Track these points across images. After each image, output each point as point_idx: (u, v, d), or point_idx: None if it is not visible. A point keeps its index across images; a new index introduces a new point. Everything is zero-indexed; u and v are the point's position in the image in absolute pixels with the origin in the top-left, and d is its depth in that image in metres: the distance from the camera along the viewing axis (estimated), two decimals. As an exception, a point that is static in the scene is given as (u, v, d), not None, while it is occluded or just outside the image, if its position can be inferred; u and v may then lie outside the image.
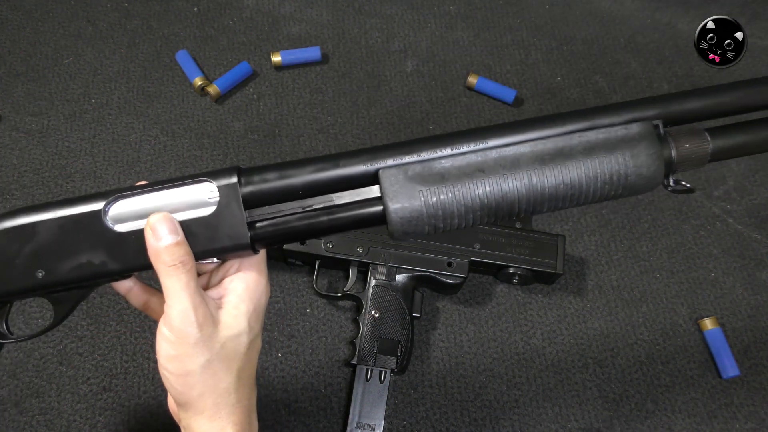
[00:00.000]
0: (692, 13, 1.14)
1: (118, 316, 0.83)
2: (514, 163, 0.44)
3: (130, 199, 0.47)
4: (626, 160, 0.44)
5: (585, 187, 0.44)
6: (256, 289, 0.49)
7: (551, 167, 0.44)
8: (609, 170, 0.44)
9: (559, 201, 0.45)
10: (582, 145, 0.44)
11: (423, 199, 0.44)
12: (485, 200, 0.44)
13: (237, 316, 0.47)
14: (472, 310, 0.87)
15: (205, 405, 0.47)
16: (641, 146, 0.44)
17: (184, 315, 0.45)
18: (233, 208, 0.45)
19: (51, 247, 0.47)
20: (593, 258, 0.91)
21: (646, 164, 0.44)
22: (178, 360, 0.46)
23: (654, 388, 0.83)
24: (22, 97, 0.98)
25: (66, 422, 0.77)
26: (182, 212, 0.46)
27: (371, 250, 0.81)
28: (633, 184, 0.45)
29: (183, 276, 0.45)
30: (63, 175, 0.92)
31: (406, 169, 0.45)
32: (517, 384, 0.83)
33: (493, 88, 1.02)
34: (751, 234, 0.94)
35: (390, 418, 0.79)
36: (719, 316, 0.87)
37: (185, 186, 0.47)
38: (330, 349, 0.83)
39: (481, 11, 1.12)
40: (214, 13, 1.08)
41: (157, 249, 0.45)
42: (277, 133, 0.98)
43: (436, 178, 0.44)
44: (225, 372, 0.47)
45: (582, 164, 0.44)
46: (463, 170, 0.44)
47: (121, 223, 0.47)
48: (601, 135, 0.45)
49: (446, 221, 0.45)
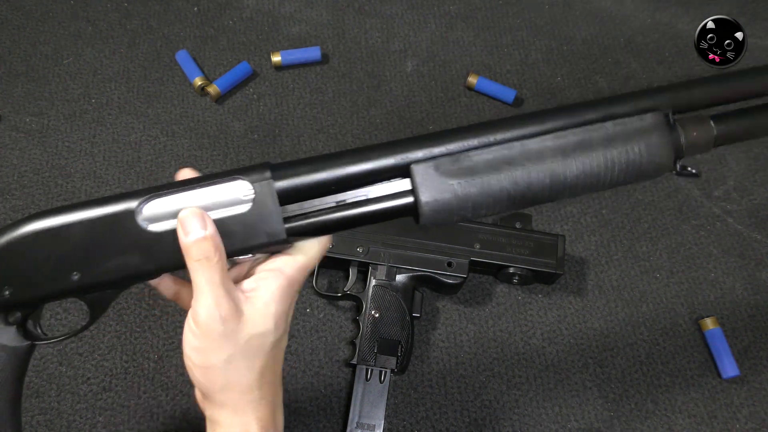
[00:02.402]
0: (692, 13, 1.14)
1: (118, 316, 0.83)
2: (539, 156, 0.46)
3: (163, 198, 0.47)
4: (642, 149, 0.46)
5: (603, 176, 0.46)
6: (289, 291, 0.48)
7: (573, 159, 0.46)
8: (626, 159, 0.46)
9: (578, 189, 0.47)
10: (601, 137, 0.46)
11: (453, 192, 0.46)
12: (512, 192, 0.46)
13: (265, 315, 0.47)
14: (472, 310, 0.86)
15: (228, 399, 0.47)
16: (655, 135, 0.47)
17: (208, 309, 0.45)
18: (269, 205, 0.46)
19: (86, 248, 0.46)
20: (593, 258, 0.91)
21: (659, 152, 0.47)
22: (201, 352, 0.46)
23: (654, 388, 0.83)
24: (22, 97, 0.98)
25: (66, 422, 0.77)
26: (217, 210, 0.46)
27: (371, 250, 0.81)
28: (646, 170, 0.47)
29: (207, 271, 0.45)
30: (63, 175, 0.92)
31: (438, 164, 0.46)
32: (517, 384, 0.83)
33: (493, 88, 1.02)
34: (751, 234, 0.94)
35: (390, 418, 0.79)
36: (719, 316, 0.87)
37: (219, 184, 0.47)
38: (330, 349, 0.83)
39: (481, 11, 1.12)
40: (214, 13, 1.08)
41: (186, 243, 0.45)
42: (277, 133, 0.98)
43: (465, 171, 0.46)
44: (247, 369, 0.47)
45: (602, 155, 0.46)
46: (491, 163, 0.46)
47: (155, 222, 0.47)
48: (618, 127, 0.47)
49: (474, 211, 0.47)
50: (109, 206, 0.46)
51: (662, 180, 0.97)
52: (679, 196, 0.96)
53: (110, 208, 0.46)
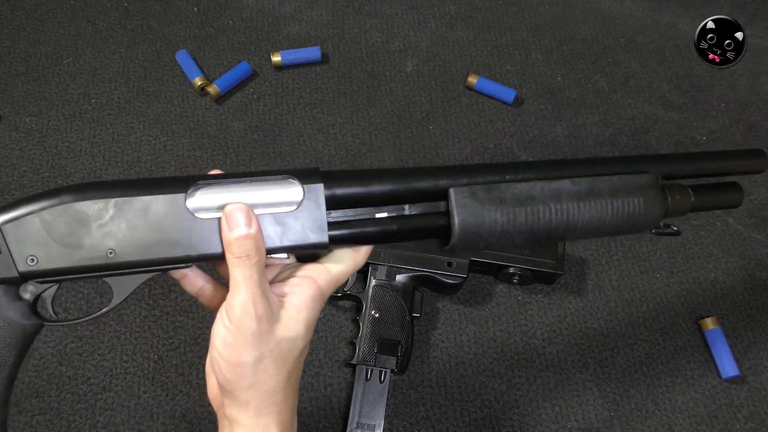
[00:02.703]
0: (692, 13, 1.14)
1: (118, 316, 0.83)
2: (557, 196, 0.51)
3: (213, 187, 0.47)
4: (640, 203, 0.53)
5: (607, 222, 0.52)
6: (319, 301, 0.49)
7: (586, 203, 0.52)
8: (627, 210, 0.53)
9: (586, 232, 0.53)
10: (608, 187, 0.53)
11: (484, 217, 0.50)
12: (533, 225, 0.51)
13: (297, 320, 0.48)
14: (472, 310, 0.87)
15: (252, 399, 0.47)
16: (650, 193, 0.54)
17: (244, 306, 0.45)
18: (315, 209, 0.48)
19: (127, 227, 0.46)
20: (593, 258, 0.91)
21: (653, 208, 0.54)
22: (233, 348, 0.46)
23: (654, 388, 0.83)
24: (22, 97, 0.98)
25: (66, 422, 0.77)
26: (264, 207, 0.47)
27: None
28: (639, 223, 0.54)
29: (247, 269, 0.45)
30: (63, 175, 0.92)
31: (474, 190, 0.50)
32: (517, 384, 0.83)
33: (493, 88, 1.02)
34: (751, 234, 0.94)
35: (390, 418, 0.79)
36: (719, 316, 0.87)
37: (270, 182, 0.47)
38: (330, 349, 0.83)
39: (481, 11, 1.12)
40: (214, 13, 1.08)
41: (228, 238, 0.45)
42: (277, 133, 0.98)
43: (496, 200, 0.50)
44: (276, 370, 0.47)
45: (608, 203, 0.52)
46: (517, 196, 0.50)
47: (202, 210, 0.46)
48: (621, 181, 0.53)
49: (499, 239, 0.51)
50: (160, 187, 0.46)
51: (662, 180, 0.97)
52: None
53: (161, 189, 0.46)
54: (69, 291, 0.84)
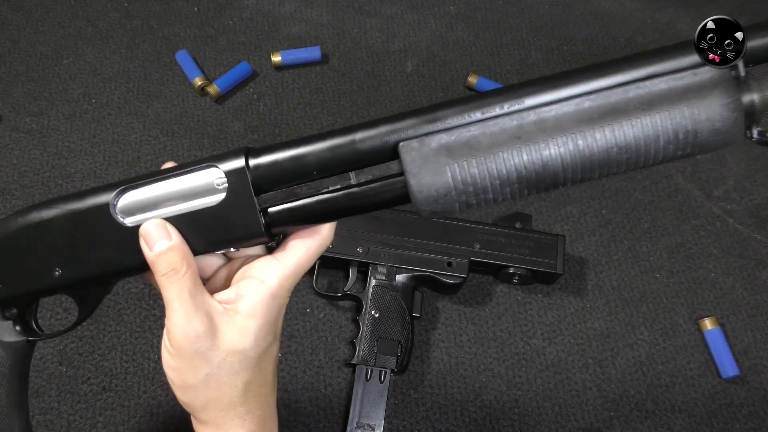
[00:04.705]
0: (692, 13, 1.14)
1: (118, 316, 0.83)
2: (557, 127, 0.37)
3: (137, 189, 0.45)
4: (696, 112, 0.36)
5: (644, 148, 0.37)
6: (272, 303, 0.44)
7: (601, 128, 0.37)
8: (674, 127, 0.37)
9: (613, 166, 0.38)
10: (639, 98, 0.37)
11: (450, 173, 0.38)
12: (523, 171, 0.38)
13: (244, 330, 0.44)
14: (472, 310, 0.86)
15: (210, 417, 0.45)
16: (715, 94, 0.36)
17: (179, 327, 0.43)
18: (243, 194, 0.42)
19: (64, 244, 0.45)
20: (593, 258, 0.91)
21: (722, 116, 0.36)
22: (177, 372, 0.44)
23: (654, 388, 0.83)
24: (22, 97, 0.98)
25: (66, 422, 0.77)
26: (190, 202, 0.44)
27: (371, 250, 0.81)
28: (705, 141, 0.37)
29: (176, 284, 0.43)
30: (63, 175, 0.92)
31: (430, 141, 0.39)
32: (517, 384, 0.83)
33: (493, 89, 1.02)
34: (751, 234, 0.94)
35: (390, 418, 0.79)
36: (719, 316, 0.87)
37: (193, 173, 0.44)
38: (330, 349, 0.83)
39: (481, 11, 1.12)
40: (214, 13, 1.08)
41: (151, 258, 0.43)
42: (277, 133, 0.98)
43: (464, 148, 0.38)
44: (228, 386, 0.44)
45: (639, 121, 0.37)
46: (496, 138, 0.38)
47: (131, 215, 0.45)
48: (663, 84, 0.37)
49: (479, 197, 0.39)
50: (85, 199, 0.45)
51: (662, 180, 0.97)
52: (679, 196, 0.96)
53: (86, 201, 0.45)
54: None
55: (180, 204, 0.44)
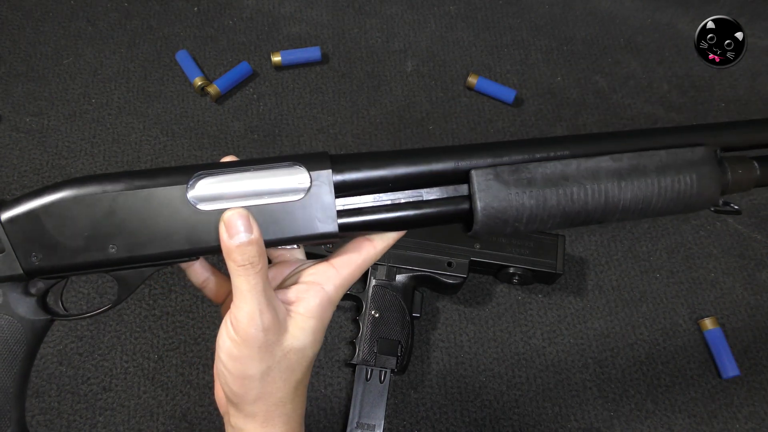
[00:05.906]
0: (692, 13, 1.14)
1: (118, 316, 0.83)
2: (595, 175, 0.46)
3: (215, 177, 0.44)
4: (692, 180, 0.47)
5: (654, 202, 0.47)
6: (328, 307, 0.47)
7: (629, 181, 0.46)
8: (677, 189, 0.47)
9: (629, 213, 0.47)
10: (655, 163, 0.47)
11: (511, 201, 0.46)
12: (566, 208, 0.46)
13: (305, 329, 0.45)
14: (472, 310, 0.86)
15: (259, 411, 0.46)
16: (705, 169, 0.48)
17: (250, 317, 0.43)
18: (324, 196, 0.45)
19: (128, 220, 0.44)
20: (593, 258, 0.91)
21: (708, 185, 0.48)
22: (239, 361, 0.44)
23: (654, 388, 0.83)
24: (22, 97, 0.98)
25: (66, 422, 0.77)
26: (269, 197, 0.44)
27: (371, 250, 0.81)
28: (693, 202, 0.48)
29: (251, 277, 0.43)
30: (63, 175, 0.92)
31: (498, 172, 0.46)
32: (517, 384, 0.83)
33: (493, 88, 1.02)
34: (751, 234, 0.94)
35: (390, 418, 0.79)
36: (719, 316, 0.87)
37: (274, 169, 0.45)
38: (330, 349, 0.83)
39: (481, 11, 1.12)
40: (214, 13, 1.08)
41: (229, 246, 0.43)
42: (277, 133, 0.98)
43: (524, 182, 0.46)
44: (284, 382, 0.45)
45: (655, 182, 0.47)
46: (549, 177, 0.46)
47: (206, 202, 0.44)
48: (671, 156, 0.47)
49: (528, 224, 0.47)
50: (156, 178, 0.44)
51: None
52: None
53: (158, 180, 0.44)
54: (68, 291, 0.83)
55: (258, 197, 0.45)
